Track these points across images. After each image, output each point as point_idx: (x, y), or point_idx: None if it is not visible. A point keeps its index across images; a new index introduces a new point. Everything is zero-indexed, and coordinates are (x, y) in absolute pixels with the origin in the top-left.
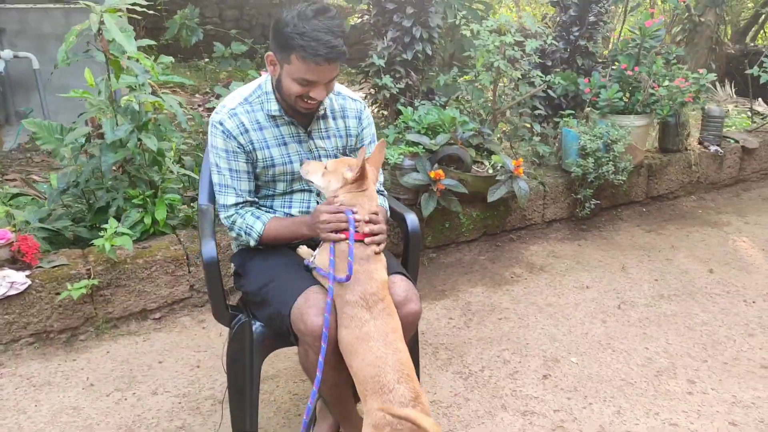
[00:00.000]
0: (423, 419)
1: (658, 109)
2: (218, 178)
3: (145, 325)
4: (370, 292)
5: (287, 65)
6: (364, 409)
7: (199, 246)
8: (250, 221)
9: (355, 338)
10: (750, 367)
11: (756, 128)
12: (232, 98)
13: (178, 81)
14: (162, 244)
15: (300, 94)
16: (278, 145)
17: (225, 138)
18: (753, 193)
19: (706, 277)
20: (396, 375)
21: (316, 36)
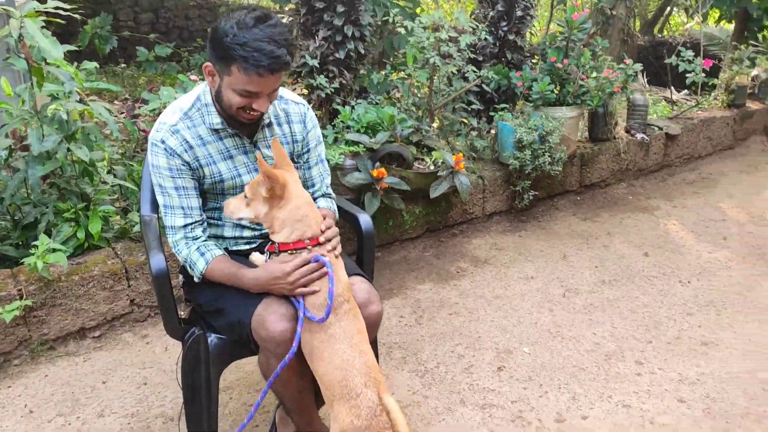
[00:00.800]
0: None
1: (589, 99)
2: (163, 199)
3: (85, 345)
4: (336, 293)
5: (227, 77)
6: (331, 414)
7: (147, 259)
8: (194, 257)
9: (319, 341)
10: (691, 344)
11: (676, 115)
12: (171, 113)
13: (104, 88)
14: (98, 258)
15: (242, 105)
16: (224, 159)
17: (168, 156)
18: (677, 177)
19: (642, 261)
20: (363, 379)
21: (258, 46)
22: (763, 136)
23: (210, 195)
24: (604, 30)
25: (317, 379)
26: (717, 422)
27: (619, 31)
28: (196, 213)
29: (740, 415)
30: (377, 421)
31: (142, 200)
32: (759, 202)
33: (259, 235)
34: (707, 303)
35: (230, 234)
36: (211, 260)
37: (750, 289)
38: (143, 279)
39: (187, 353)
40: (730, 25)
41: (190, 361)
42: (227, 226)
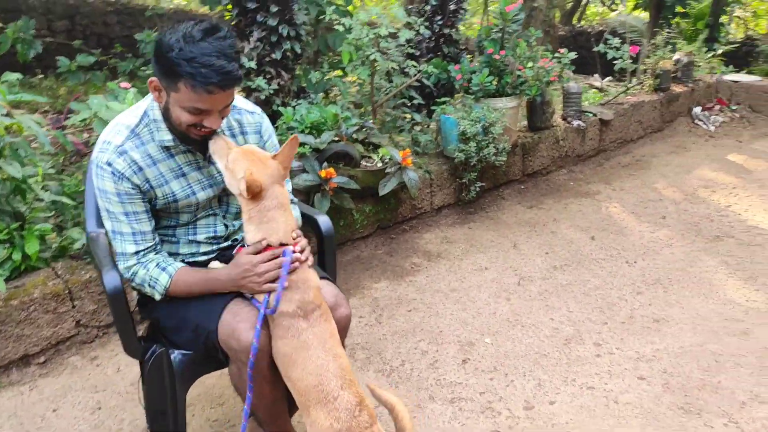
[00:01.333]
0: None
1: (527, 89)
2: (111, 224)
3: (29, 372)
4: (308, 300)
5: (174, 93)
6: (307, 421)
7: (100, 277)
8: (155, 273)
9: (292, 348)
10: (644, 323)
11: (608, 101)
12: (115, 132)
13: (30, 99)
14: (37, 280)
15: (192, 123)
16: (176, 177)
17: (116, 180)
18: (613, 161)
19: (589, 245)
20: (339, 381)
21: (206, 61)
22: (688, 118)
23: (163, 213)
24: (527, 22)
25: (290, 385)
26: (676, 396)
27: (542, 22)
28: (148, 238)
29: (697, 387)
30: (357, 422)
31: (86, 216)
32: (691, 181)
33: (216, 248)
34: (654, 281)
35: (186, 250)
36: (174, 273)
37: (691, 265)
38: (89, 298)
39: (150, 373)
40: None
41: (153, 380)
42: (182, 243)
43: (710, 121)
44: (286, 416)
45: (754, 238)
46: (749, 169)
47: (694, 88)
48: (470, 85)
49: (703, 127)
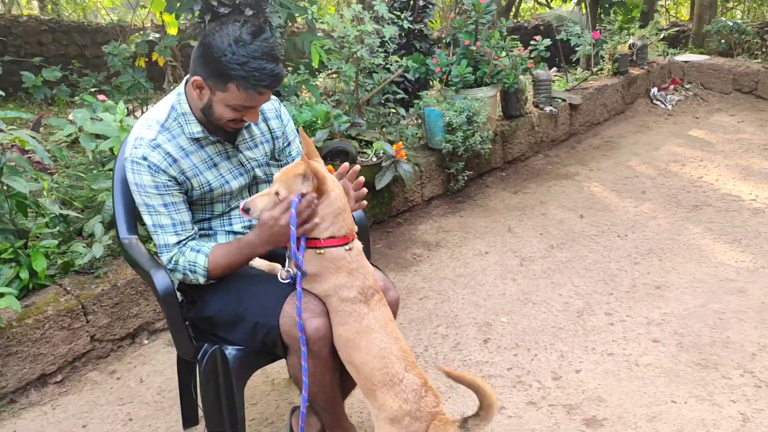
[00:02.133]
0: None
1: (504, 78)
2: (151, 218)
3: (48, 392)
4: (368, 285)
5: (222, 93)
6: (374, 404)
7: (148, 280)
8: (191, 257)
9: (355, 333)
10: (647, 290)
11: (573, 87)
12: (147, 127)
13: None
14: (48, 297)
15: (233, 118)
16: (209, 168)
17: (152, 173)
18: (584, 144)
19: (580, 223)
20: (403, 363)
21: (258, 66)
22: (646, 99)
23: (197, 206)
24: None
25: (353, 370)
26: (691, 354)
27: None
28: (188, 227)
29: (708, 344)
30: (425, 402)
31: (118, 223)
32: (661, 157)
33: None
34: (648, 251)
35: (223, 241)
36: (209, 251)
37: (679, 233)
38: (102, 312)
39: (205, 371)
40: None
41: (208, 379)
42: (219, 234)
43: (667, 101)
44: (342, 404)
45: (729, 204)
46: (711, 142)
47: (650, 70)
48: (449, 77)
49: (662, 106)
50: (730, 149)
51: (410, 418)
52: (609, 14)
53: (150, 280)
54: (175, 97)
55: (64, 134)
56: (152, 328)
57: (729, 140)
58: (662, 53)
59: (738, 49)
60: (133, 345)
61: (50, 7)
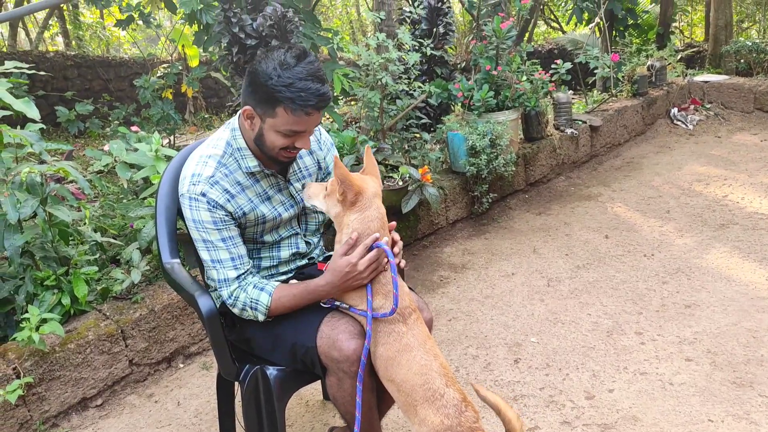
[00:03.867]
0: (509, 409)
1: (526, 101)
2: (209, 254)
3: (89, 416)
4: (405, 305)
5: (271, 119)
6: (415, 420)
7: (194, 303)
8: (254, 294)
9: (395, 351)
10: (677, 309)
11: (593, 109)
12: (202, 164)
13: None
14: (89, 323)
15: (285, 146)
16: (263, 201)
17: (211, 209)
18: (606, 165)
19: (605, 243)
20: (443, 380)
21: (304, 86)
22: (667, 119)
23: (248, 237)
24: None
25: (393, 387)
26: (726, 372)
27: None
28: (245, 261)
29: (743, 362)
30: (465, 418)
31: (161, 247)
32: (684, 176)
33: (294, 268)
34: (675, 270)
35: (267, 266)
36: (273, 291)
37: (705, 252)
38: (140, 336)
39: (248, 391)
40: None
41: (250, 399)
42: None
43: (688, 121)
44: (379, 422)
45: (757, 222)
46: (734, 161)
47: (669, 91)
48: (472, 101)
49: (683, 126)
50: (754, 168)
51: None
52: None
53: (194, 302)
54: (230, 133)
55: (101, 164)
56: (187, 352)
57: (752, 159)
58: (681, 74)
59: (757, 68)
60: (170, 369)
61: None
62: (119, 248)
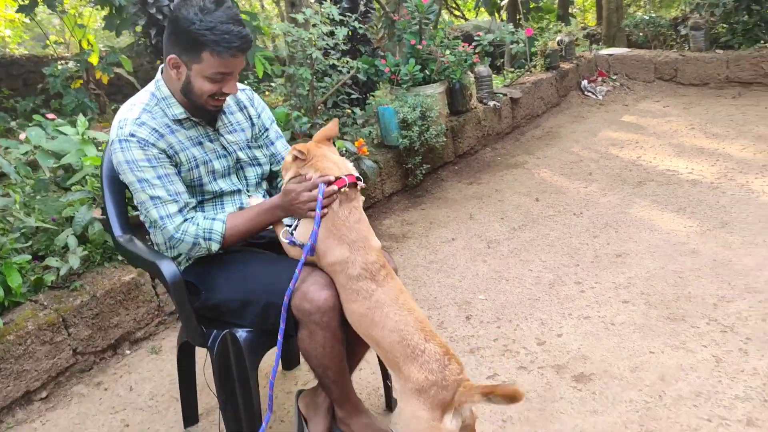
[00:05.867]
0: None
1: (451, 74)
2: (146, 192)
3: (34, 409)
4: (371, 261)
5: (197, 65)
6: (400, 377)
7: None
8: (207, 225)
9: (366, 309)
10: (609, 259)
11: (511, 82)
12: (129, 109)
13: None
14: (27, 313)
15: (213, 92)
16: (194, 145)
17: (142, 147)
18: (527, 135)
19: (536, 206)
20: (421, 334)
21: (227, 29)
22: (578, 91)
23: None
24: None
25: (374, 345)
26: (660, 310)
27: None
28: (185, 197)
29: (673, 300)
30: (449, 371)
31: (112, 222)
32: (599, 142)
33: None
34: (604, 225)
35: None
36: (225, 217)
37: (628, 207)
38: (83, 324)
39: (217, 356)
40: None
41: (222, 363)
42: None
43: (597, 91)
44: (350, 377)
45: (669, 178)
46: (643, 126)
47: (578, 64)
48: (399, 76)
49: (593, 97)
50: (661, 131)
51: (437, 388)
52: (528, 20)
53: (157, 269)
54: (153, 84)
55: (20, 153)
56: (133, 338)
57: (659, 123)
58: (588, 49)
59: (655, 41)
60: (116, 356)
61: None
62: (50, 235)
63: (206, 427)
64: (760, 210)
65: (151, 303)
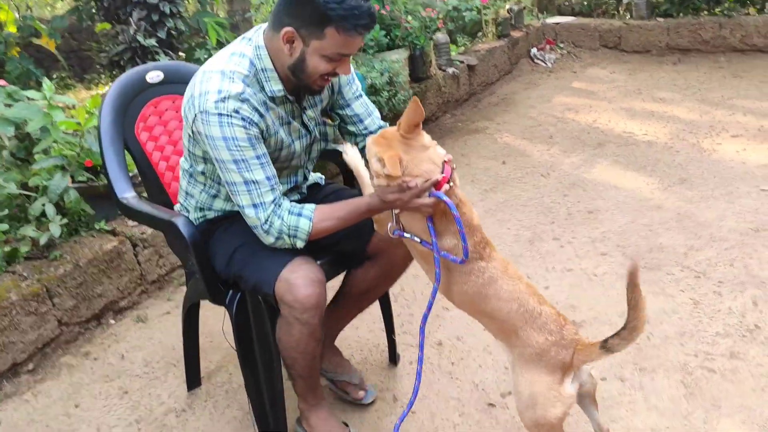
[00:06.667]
0: (644, 306)
1: (415, 39)
2: (243, 175)
3: (23, 382)
4: (477, 241)
5: (317, 41)
6: (516, 344)
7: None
8: (292, 221)
9: (480, 286)
10: (582, 215)
11: (466, 50)
12: (228, 80)
13: None
14: (8, 284)
15: (327, 71)
16: (282, 125)
17: (246, 126)
18: (484, 102)
19: (504, 168)
20: (535, 298)
21: (356, 3)
22: (528, 59)
23: None
24: None
25: (485, 319)
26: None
27: None
28: (278, 182)
29: (647, 251)
30: (567, 330)
31: (114, 181)
32: (555, 107)
33: None
34: (571, 184)
35: None
36: (311, 214)
37: (591, 167)
38: (67, 294)
39: (237, 314)
40: None
41: (241, 322)
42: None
43: (546, 59)
44: (318, 372)
45: (627, 140)
46: (593, 91)
47: (528, 32)
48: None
49: (542, 64)
50: (611, 96)
51: (557, 348)
52: None
53: (174, 228)
54: (253, 50)
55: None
56: (117, 308)
57: (608, 89)
58: (535, 17)
59: (598, 10)
60: (101, 326)
61: None
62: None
63: (209, 390)
64: (713, 167)
65: (134, 272)
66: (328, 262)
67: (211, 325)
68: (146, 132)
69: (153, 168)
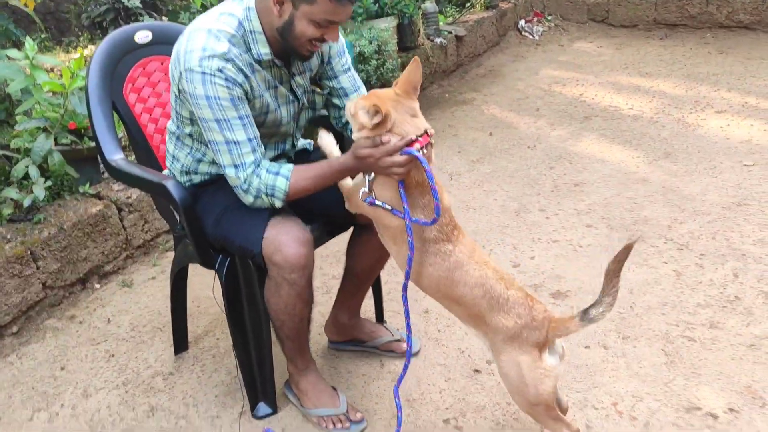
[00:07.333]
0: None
1: (404, 7)
2: (224, 135)
3: (7, 344)
4: (445, 222)
5: (307, 6)
6: (486, 330)
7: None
8: (269, 180)
9: (446, 270)
10: (567, 188)
11: (454, 21)
12: (214, 39)
13: None
14: None
15: (315, 37)
16: (267, 89)
17: (229, 87)
18: (472, 73)
19: (491, 140)
20: (502, 283)
21: None
22: (515, 31)
23: None
24: None
25: (453, 304)
26: (620, 233)
27: None
28: (260, 143)
29: (631, 223)
30: (536, 310)
31: (103, 143)
32: (542, 80)
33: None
34: (558, 157)
35: None
36: (289, 173)
37: (578, 141)
38: (51, 257)
39: (227, 277)
40: None
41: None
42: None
43: (534, 32)
44: (307, 336)
45: (613, 114)
46: (580, 65)
47: (516, 4)
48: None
49: (530, 37)
50: (598, 70)
51: (528, 329)
52: None
53: (165, 191)
54: (243, 11)
55: None
56: (102, 272)
57: (594, 63)
58: None
59: None
60: (86, 290)
61: None
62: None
63: (197, 354)
64: (698, 141)
65: (119, 236)
66: (318, 228)
67: (198, 291)
68: (134, 93)
69: (142, 130)
